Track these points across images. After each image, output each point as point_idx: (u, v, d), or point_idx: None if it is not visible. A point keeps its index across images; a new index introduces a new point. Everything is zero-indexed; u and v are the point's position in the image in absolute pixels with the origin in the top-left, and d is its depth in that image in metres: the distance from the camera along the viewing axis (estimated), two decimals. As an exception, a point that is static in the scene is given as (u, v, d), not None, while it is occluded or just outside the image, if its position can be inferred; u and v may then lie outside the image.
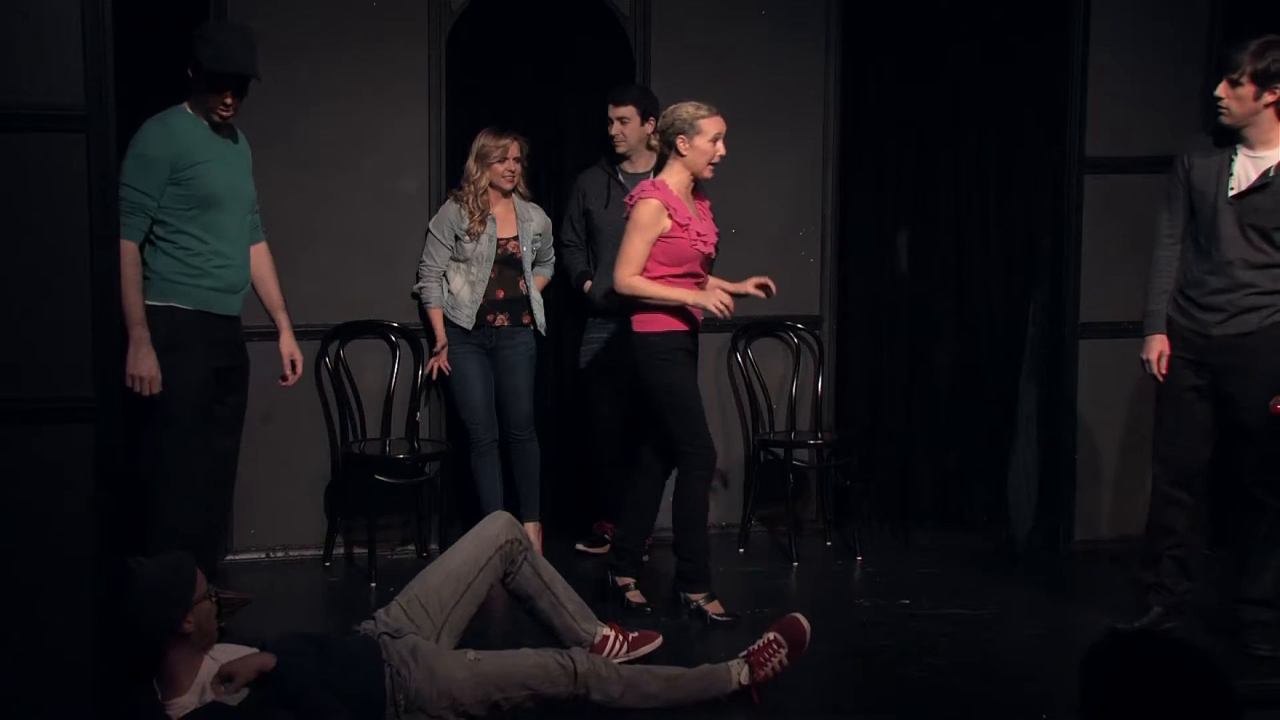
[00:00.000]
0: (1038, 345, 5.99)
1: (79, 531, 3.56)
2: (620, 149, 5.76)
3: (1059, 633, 4.98)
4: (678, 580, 5.02)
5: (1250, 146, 4.45)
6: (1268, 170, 4.40)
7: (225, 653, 3.71)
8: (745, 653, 4.20)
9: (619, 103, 5.73)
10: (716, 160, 4.93)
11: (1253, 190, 4.43)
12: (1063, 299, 5.88)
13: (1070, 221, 5.85)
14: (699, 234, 4.90)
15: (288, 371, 4.90)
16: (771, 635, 4.22)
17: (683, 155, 4.89)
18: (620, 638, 4.38)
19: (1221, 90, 4.42)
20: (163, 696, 3.61)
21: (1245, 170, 4.44)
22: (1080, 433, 5.92)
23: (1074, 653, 2.31)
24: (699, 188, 5.02)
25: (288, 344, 4.90)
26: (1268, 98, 4.37)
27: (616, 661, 4.22)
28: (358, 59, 5.68)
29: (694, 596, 4.98)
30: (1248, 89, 4.37)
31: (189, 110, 4.55)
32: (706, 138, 4.88)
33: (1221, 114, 4.44)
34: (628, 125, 5.71)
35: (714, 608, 4.96)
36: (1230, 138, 4.48)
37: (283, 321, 4.90)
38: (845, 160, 6.28)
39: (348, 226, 5.74)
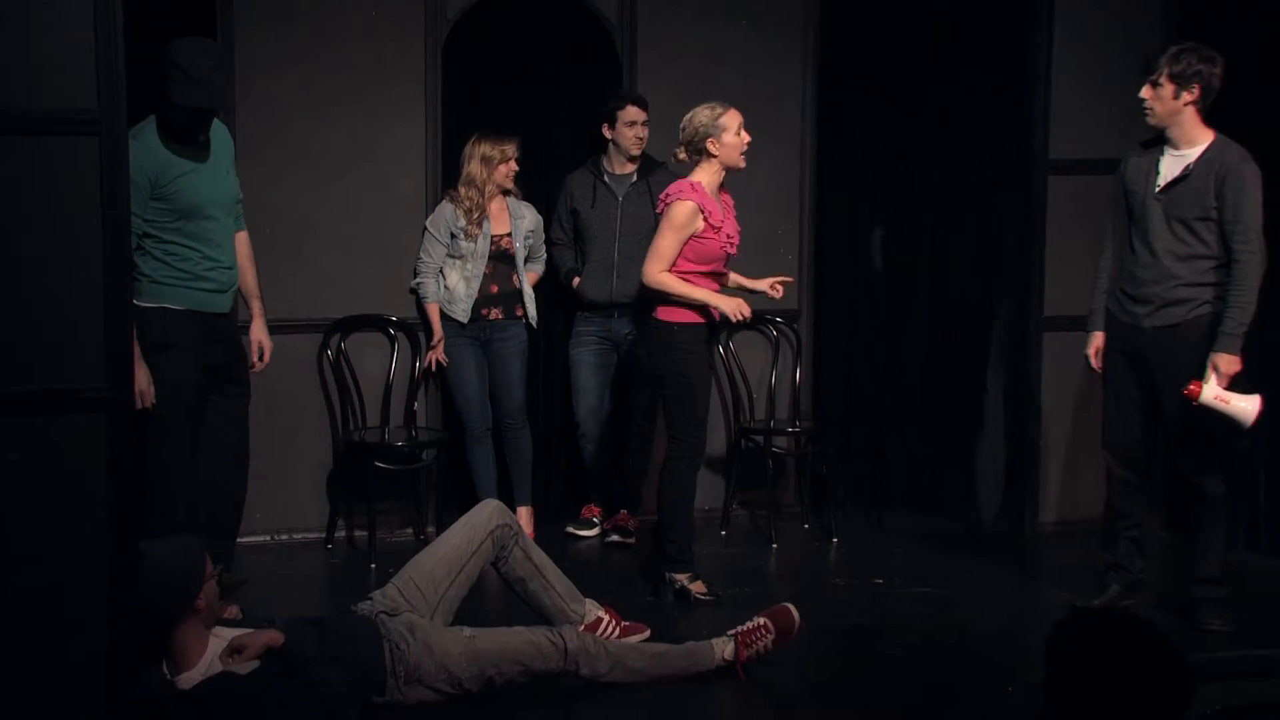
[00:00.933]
0: (1004, 337, 6.02)
1: (92, 518, 3.55)
2: (635, 151, 5.75)
3: (1023, 611, 5.01)
4: (663, 561, 5.03)
5: (1175, 146, 4.57)
6: (1188, 165, 4.51)
7: (227, 633, 3.72)
8: (734, 632, 4.22)
9: (644, 106, 5.73)
10: (745, 149, 4.91)
11: (1175, 183, 4.52)
12: (1028, 293, 5.90)
13: (1035, 220, 5.86)
14: (729, 236, 4.91)
15: (255, 359, 4.86)
16: (762, 620, 4.24)
17: (715, 155, 4.86)
18: (613, 621, 4.37)
19: (1145, 92, 4.55)
20: (171, 673, 3.62)
21: (1170, 168, 4.57)
22: (1044, 420, 5.95)
23: (1038, 629, 2.32)
24: (723, 182, 5.00)
25: (258, 331, 4.84)
26: (1186, 97, 4.48)
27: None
28: (357, 65, 5.67)
29: (678, 577, 4.99)
30: (1167, 89, 4.49)
31: (160, 124, 4.41)
32: (731, 132, 4.86)
33: (1146, 114, 4.57)
34: (647, 128, 5.72)
35: (697, 587, 4.97)
36: (1161, 141, 4.60)
37: (256, 309, 4.84)
38: (822, 162, 6.29)
39: (348, 225, 5.73)
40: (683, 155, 4.94)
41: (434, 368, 5.78)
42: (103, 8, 3.71)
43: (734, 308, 4.86)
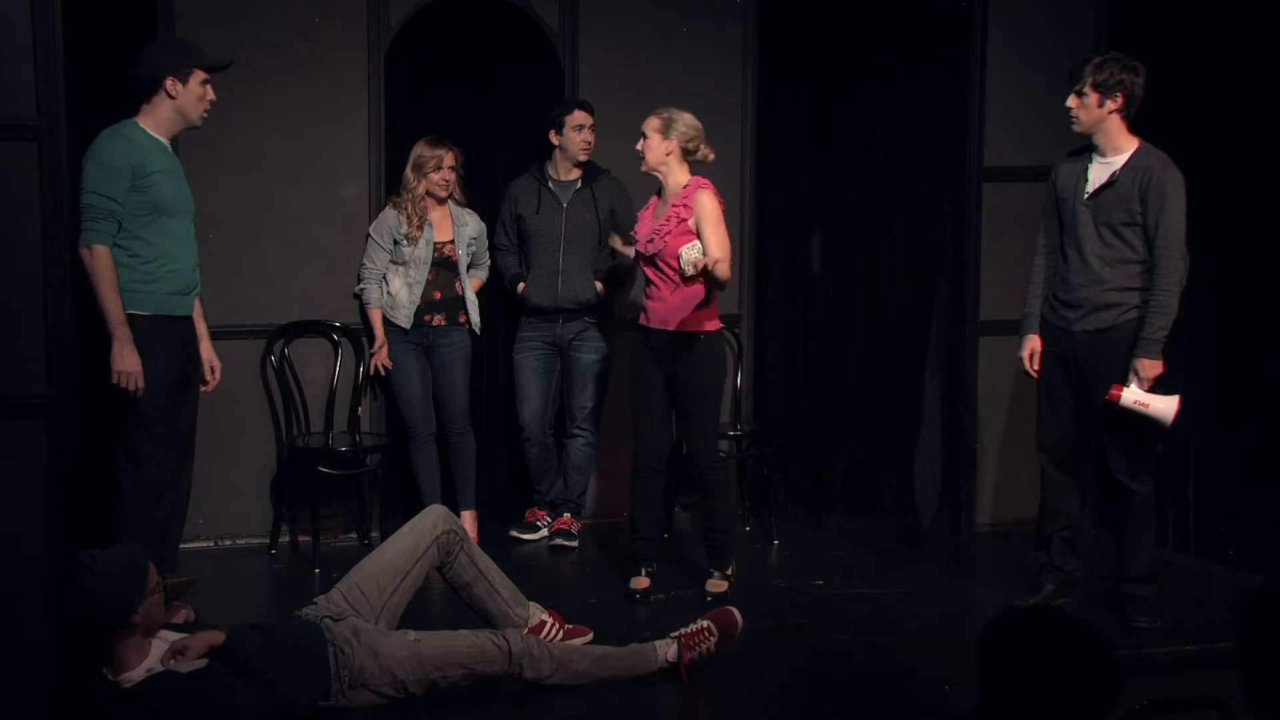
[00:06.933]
0: (941, 341, 6.07)
1: (34, 523, 3.51)
2: (583, 156, 5.75)
3: (960, 609, 5.05)
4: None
5: (1103, 154, 4.65)
6: (1115, 172, 4.59)
7: (173, 636, 3.69)
8: (677, 634, 4.23)
9: (591, 111, 5.74)
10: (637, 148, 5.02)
11: (1103, 189, 4.61)
12: (964, 298, 5.97)
13: (970, 226, 5.93)
14: (645, 234, 5.00)
15: (208, 376, 4.85)
16: (705, 623, 4.26)
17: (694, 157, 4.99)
18: (556, 624, 4.37)
19: (1071, 101, 4.63)
20: (112, 676, 3.58)
21: (1098, 174, 4.65)
22: (980, 423, 6.01)
23: (974, 627, 2.35)
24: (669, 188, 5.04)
25: (207, 351, 4.84)
26: (1110, 105, 4.57)
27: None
28: (301, 73, 5.65)
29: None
30: (1091, 98, 4.58)
31: (141, 125, 4.47)
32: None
33: (1073, 123, 4.65)
34: (594, 132, 5.72)
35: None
36: (1089, 149, 4.68)
37: (201, 331, 4.84)
38: (762, 169, 6.33)
39: (292, 231, 5.71)
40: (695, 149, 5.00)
41: (380, 372, 5.75)
42: (41, 14, 3.67)
43: None
